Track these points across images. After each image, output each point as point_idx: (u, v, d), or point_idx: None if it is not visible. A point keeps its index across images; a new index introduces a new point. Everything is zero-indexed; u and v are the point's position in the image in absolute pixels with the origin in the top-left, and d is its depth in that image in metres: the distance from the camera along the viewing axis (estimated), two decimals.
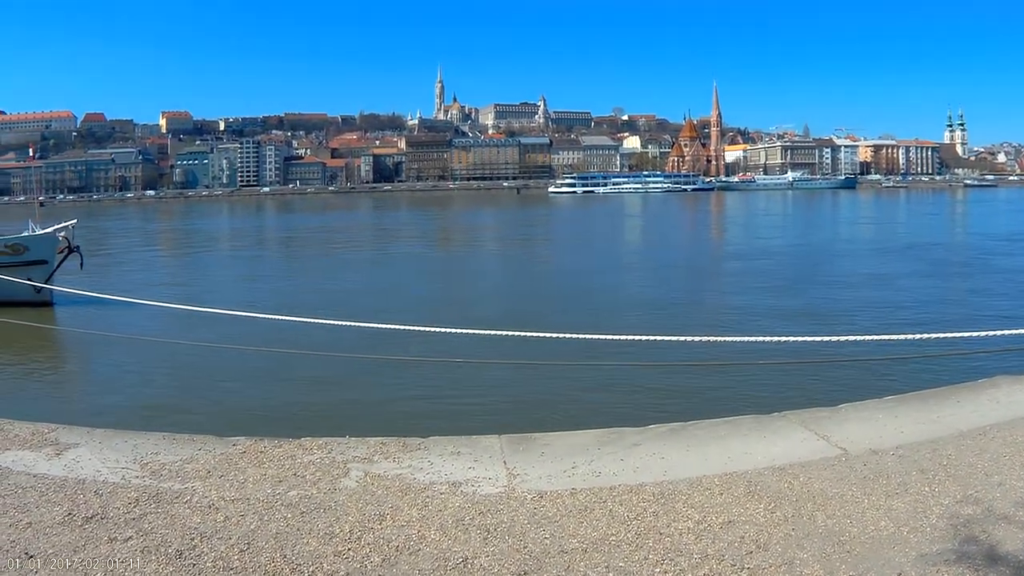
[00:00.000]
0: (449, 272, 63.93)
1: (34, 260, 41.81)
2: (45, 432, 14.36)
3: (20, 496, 11.24)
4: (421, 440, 13.60)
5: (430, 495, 11.07)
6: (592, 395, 22.79)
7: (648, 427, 13.89)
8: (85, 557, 9.30)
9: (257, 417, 20.86)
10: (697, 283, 50.67)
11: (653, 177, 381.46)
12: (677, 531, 9.56)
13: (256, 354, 25.48)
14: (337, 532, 9.92)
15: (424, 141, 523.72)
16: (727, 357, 24.98)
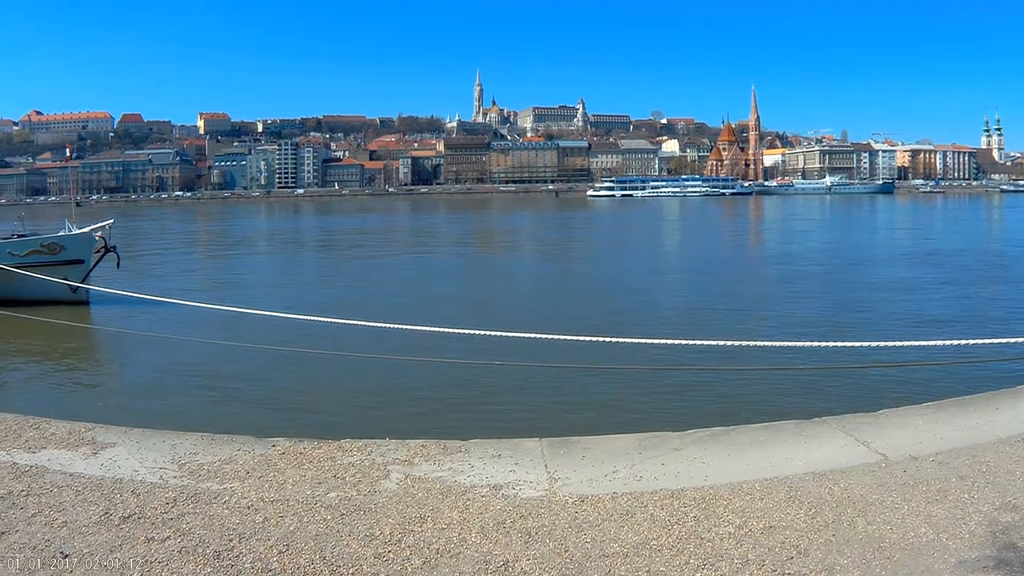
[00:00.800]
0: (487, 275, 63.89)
1: (70, 260, 42.00)
2: (82, 431, 14.39)
3: (56, 495, 11.25)
4: (462, 443, 13.59)
5: (471, 498, 11.03)
6: (632, 398, 22.53)
7: (689, 432, 13.86)
8: (122, 557, 9.29)
9: (296, 418, 20.79)
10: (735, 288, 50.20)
11: (691, 181, 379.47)
12: (718, 536, 9.54)
13: (294, 355, 25.53)
14: (377, 534, 9.89)
15: (462, 144, 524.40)
16: (766, 361, 24.99)
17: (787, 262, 66.23)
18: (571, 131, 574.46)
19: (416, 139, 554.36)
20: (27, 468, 12.44)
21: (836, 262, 65.46)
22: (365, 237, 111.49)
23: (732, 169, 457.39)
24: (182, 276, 62.01)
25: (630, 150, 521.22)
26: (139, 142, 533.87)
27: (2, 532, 10.01)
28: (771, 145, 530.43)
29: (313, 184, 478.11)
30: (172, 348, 30.32)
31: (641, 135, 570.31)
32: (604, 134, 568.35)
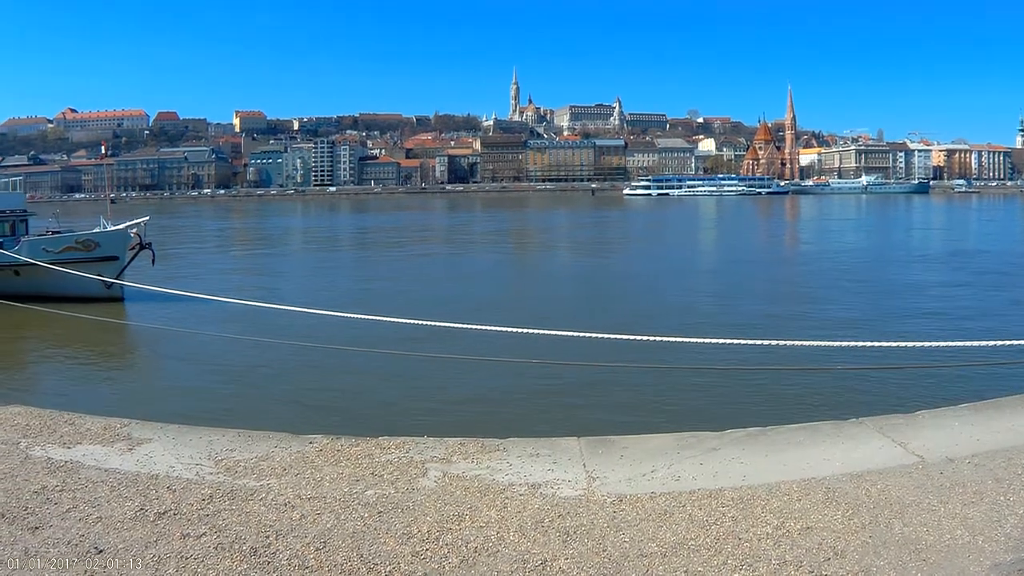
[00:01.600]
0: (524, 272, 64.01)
1: (105, 256, 42.37)
2: (117, 427, 14.41)
3: (91, 491, 11.23)
4: (500, 441, 13.51)
5: (509, 496, 10.97)
6: (669, 397, 22.71)
7: (727, 431, 13.72)
8: (157, 552, 9.27)
9: (332, 415, 20.89)
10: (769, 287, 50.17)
11: (728, 180, 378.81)
12: (755, 536, 9.46)
13: (329, 352, 25.50)
14: (415, 532, 9.84)
15: (499, 142, 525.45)
16: (802, 360, 24.88)
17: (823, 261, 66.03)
18: (607, 130, 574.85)
19: (452, 137, 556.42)
20: (62, 463, 12.45)
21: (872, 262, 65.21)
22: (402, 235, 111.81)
23: (768, 168, 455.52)
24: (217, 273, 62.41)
25: (666, 149, 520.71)
26: (174, 140, 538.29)
27: (36, 527, 10.01)
28: (807, 144, 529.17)
29: (350, 182, 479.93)
30: (207, 344, 30.54)
31: (677, 134, 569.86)
32: (640, 133, 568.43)
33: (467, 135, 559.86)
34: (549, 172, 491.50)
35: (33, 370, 30.04)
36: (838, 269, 59.01)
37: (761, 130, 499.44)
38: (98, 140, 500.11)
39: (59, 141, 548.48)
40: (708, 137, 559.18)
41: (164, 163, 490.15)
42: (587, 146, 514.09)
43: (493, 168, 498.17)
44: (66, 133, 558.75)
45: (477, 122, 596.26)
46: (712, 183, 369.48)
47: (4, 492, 11.21)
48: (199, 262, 71.69)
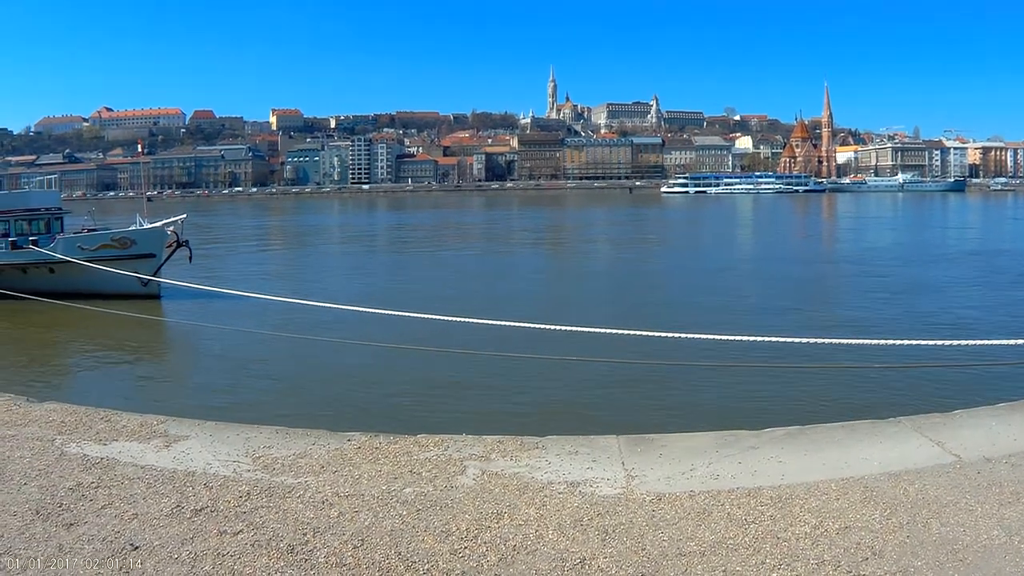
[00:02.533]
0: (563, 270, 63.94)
1: (141, 254, 42.63)
2: (154, 424, 14.48)
3: (127, 487, 11.29)
4: (539, 439, 13.54)
5: (548, 494, 10.99)
6: (707, 395, 22.79)
7: (765, 430, 13.75)
8: (193, 549, 9.30)
9: (370, 412, 20.89)
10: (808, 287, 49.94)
11: (765, 178, 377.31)
12: (794, 536, 9.48)
13: (366, 349, 25.52)
14: (453, 530, 9.86)
15: (536, 140, 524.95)
16: (840, 358, 24.90)
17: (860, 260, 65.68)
18: (645, 127, 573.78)
19: (490, 135, 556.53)
20: (97, 460, 12.52)
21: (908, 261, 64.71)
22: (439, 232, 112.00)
23: (805, 166, 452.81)
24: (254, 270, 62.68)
25: (704, 146, 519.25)
26: (211, 138, 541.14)
27: (70, 524, 10.05)
28: (844, 142, 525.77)
29: (386, 180, 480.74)
30: (244, 341, 30.56)
31: (714, 132, 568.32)
32: (678, 131, 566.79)
33: (504, 133, 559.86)
34: (586, 170, 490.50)
35: (68, 367, 30.24)
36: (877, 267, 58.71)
37: (798, 128, 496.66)
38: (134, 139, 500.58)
39: (94, 140, 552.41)
40: (745, 135, 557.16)
41: (200, 161, 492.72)
42: (624, 144, 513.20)
43: (531, 166, 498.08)
44: (101, 132, 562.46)
45: (515, 120, 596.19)
46: (749, 181, 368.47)
47: (39, 489, 11.28)
48: (236, 259, 71.99)
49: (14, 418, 15.26)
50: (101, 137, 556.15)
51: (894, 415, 14.53)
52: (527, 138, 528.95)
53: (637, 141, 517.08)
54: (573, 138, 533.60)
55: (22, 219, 46.93)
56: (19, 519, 10.21)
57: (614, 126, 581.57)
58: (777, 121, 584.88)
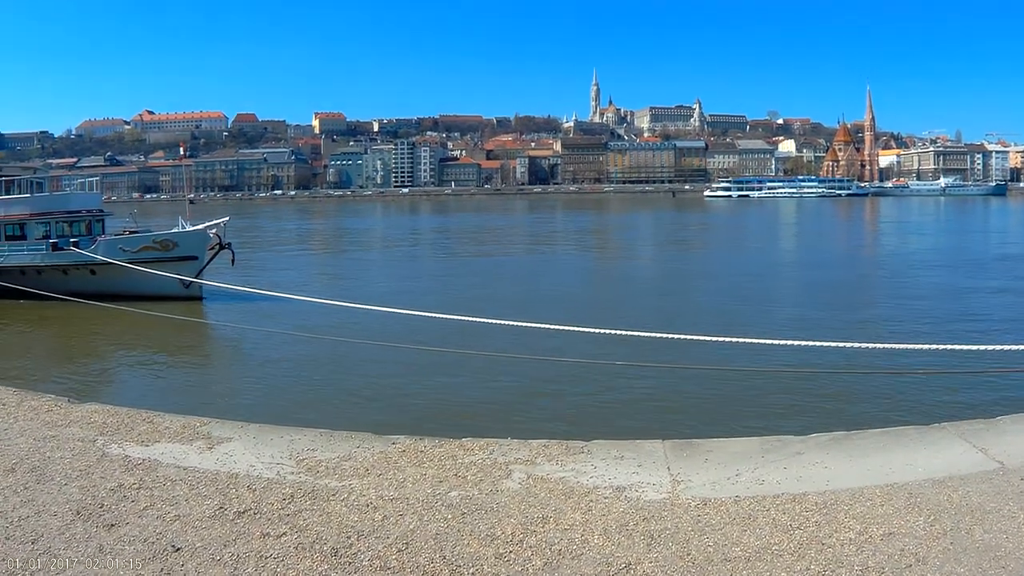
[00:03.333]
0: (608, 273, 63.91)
1: (184, 256, 42.89)
2: (196, 425, 14.54)
3: (169, 489, 11.32)
4: (584, 443, 13.55)
5: (594, 499, 10.99)
6: (751, 399, 22.60)
7: (811, 435, 13.82)
8: (236, 551, 9.31)
9: (413, 415, 20.93)
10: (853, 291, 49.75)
11: (808, 182, 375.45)
12: (839, 542, 9.46)
13: (410, 352, 25.49)
14: (499, 534, 9.86)
15: (580, 144, 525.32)
16: (885, 364, 25.16)
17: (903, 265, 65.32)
18: (688, 131, 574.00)
19: (533, 139, 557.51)
20: (139, 461, 12.57)
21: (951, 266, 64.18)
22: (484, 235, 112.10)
23: (848, 170, 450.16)
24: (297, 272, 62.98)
25: (747, 150, 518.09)
26: (253, 141, 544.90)
27: (111, 525, 10.08)
28: (886, 146, 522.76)
29: (430, 183, 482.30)
30: (286, 343, 30.71)
31: (757, 135, 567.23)
32: (720, 134, 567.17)
33: (547, 136, 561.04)
34: (629, 174, 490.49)
35: (110, 368, 30.44)
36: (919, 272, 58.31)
37: (841, 131, 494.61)
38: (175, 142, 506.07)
39: (136, 143, 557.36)
40: (788, 138, 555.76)
41: (243, 164, 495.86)
42: (667, 148, 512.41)
43: (574, 170, 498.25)
44: (143, 135, 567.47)
45: (557, 123, 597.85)
46: (792, 185, 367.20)
47: (80, 489, 11.33)
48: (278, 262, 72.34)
49: (55, 419, 15.35)
50: (143, 140, 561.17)
51: (938, 421, 14.58)
52: (570, 142, 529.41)
53: (680, 145, 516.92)
54: (616, 142, 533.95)
55: (63, 221, 47.35)
56: (59, 519, 10.25)
57: (657, 130, 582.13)
58: (820, 124, 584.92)
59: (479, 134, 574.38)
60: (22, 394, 18.44)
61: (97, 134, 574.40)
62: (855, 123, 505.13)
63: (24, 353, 32.59)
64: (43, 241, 45.67)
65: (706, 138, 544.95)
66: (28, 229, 46.57)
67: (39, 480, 11.77)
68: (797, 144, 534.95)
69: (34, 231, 46.46)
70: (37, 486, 11.50)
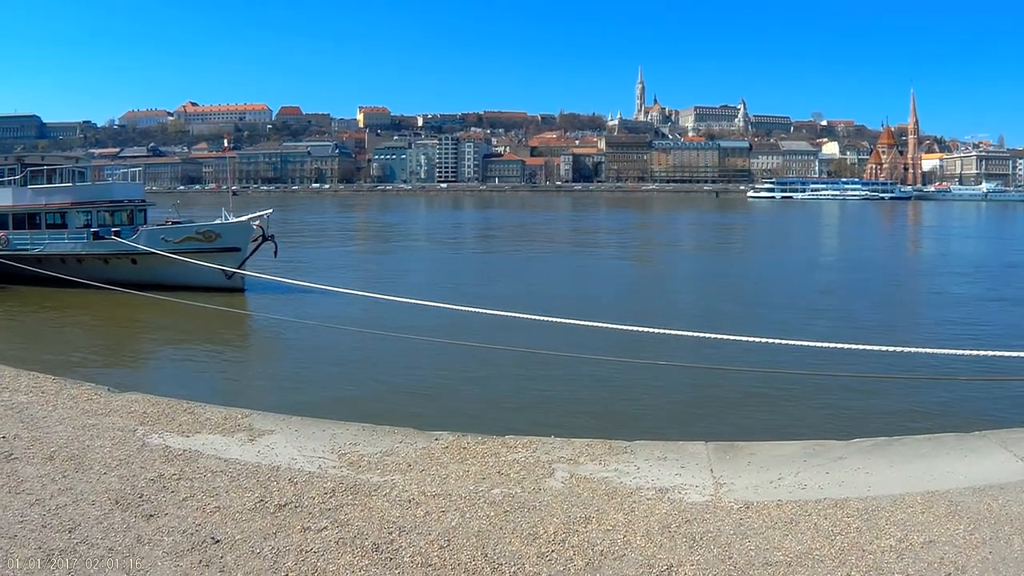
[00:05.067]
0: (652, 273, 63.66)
1: (226, 247, 42.99)
2: (238, 417, 14.61)
3: (209, 480, 11.38)
4: (627, 443, 13.68)
5: (636, 500, 11.07)
6: (795, 402, 22.50)
7: (853, 441, 13.97)
8: (276, 545, 9.33)
9: (455, 411, 20.80)
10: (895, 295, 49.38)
11: (851, 184, 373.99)
12: (879, 548, 9.52)
13: (453, 347, 25.37)
14: (541, 533, 9.89)
15: (624, 142, 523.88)
16: (927, 369, 24.61)
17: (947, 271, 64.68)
18: (732, 131, 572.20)
19: (577, 136, 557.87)
20: (180, 452, 12.62)
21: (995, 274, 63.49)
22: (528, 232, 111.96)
23: (891, 173, 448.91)
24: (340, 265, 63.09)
25: (790, 151, 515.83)
26: (297, 134, 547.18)
27: (150, 515, 10.12)
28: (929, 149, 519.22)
29: (473, 179, 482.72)
30: (329, 336, 30.68)
31: (801, 136, 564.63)
32: (764, 135, 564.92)
33: (592, 134, 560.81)
34: (673, 173, 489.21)
35: (150, 358, 30.57)
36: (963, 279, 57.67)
37: (884, 134, 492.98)
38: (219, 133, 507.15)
39: (179, 134, 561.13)
40: (832, 140, 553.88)
41: (287, 157, 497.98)
42: (711, 147, 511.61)
43: (618, 168, 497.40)
44: (186, 126, 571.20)
45: (602, 121, 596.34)
46: (835, 187, 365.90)
47: (119, 479, 11.39)
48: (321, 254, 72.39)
49: (95, 408, 15.44)
50: (186, 131, 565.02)
51: (980, 428, 14.64)
52: (614, 140, 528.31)
53: (724, 145, 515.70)
54: (660, 141, 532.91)
55: (104, 210, 47.59)
56: (98, 508, 10.32)
57: (701, 129, 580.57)
58: (864, 127, 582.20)
59: (523, 131, 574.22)
60: (61, 382, 18.60)
61: (140, 124, 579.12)
62: (899, 126, 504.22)
63: (63, 342, 32.69)
64: (84, 230, 45.96)
65: (750, 138, 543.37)
66: (69, 218, 46.91)
67: (78, 469, 11.84)
68: (841, 146, 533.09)
69: (75, 220, 46.77)
70: (76, 475, 11.57)
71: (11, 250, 46.45)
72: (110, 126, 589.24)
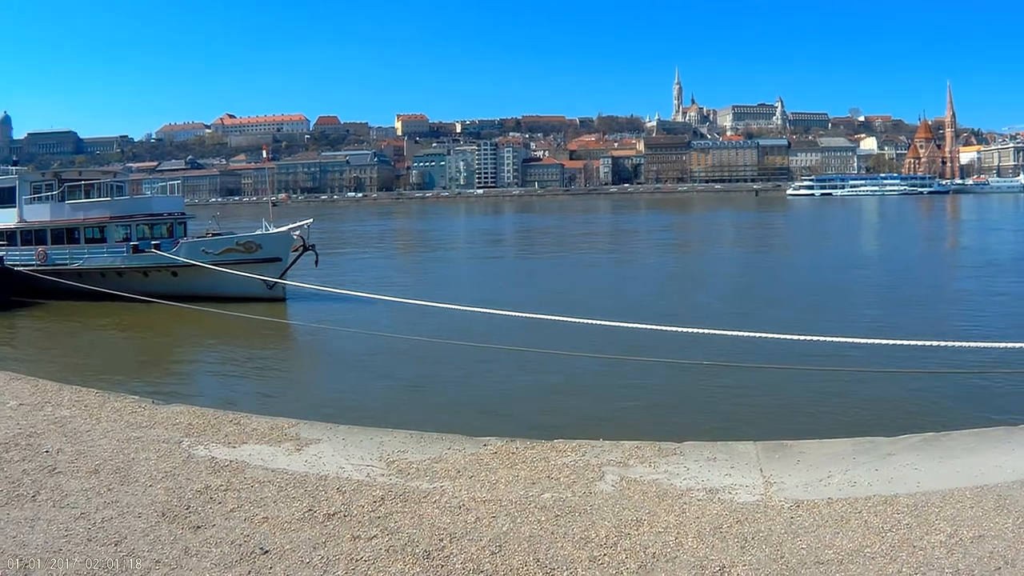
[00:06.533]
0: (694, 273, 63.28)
1: (267, 258, 43.14)
2: (284, 427, 14.64)
3: (256, 490, 11.39)
4: (676, 445, 13.75)
5: (687, 501, 11.12)
6: (843, 400, 22.20)
7: (901, 437, 14.03)
8: (326, 554, 9.32)
9: (502, 416, 20.70)
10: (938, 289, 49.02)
11: (889, 179, 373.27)
12: (930, 544, 9.60)
13: (496, 352, 25.37)
14: (593, 537, 9.90)
15: (663, 143, 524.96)
16: (973, 363, 24.66)
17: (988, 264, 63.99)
18: (770, 129, 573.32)
19: (616, 139, 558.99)
20: (226, 463, 12.65)
21: None
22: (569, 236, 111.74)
23: (929, 167, 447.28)
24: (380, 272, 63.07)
25: (829, 148, 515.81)
26: (335, 144, 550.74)
27: (198, 526, 10.16)
28: (967, 142, 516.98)
29: (513, 184, 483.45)
30: (371, 344, 30.63)
31: (839, 132, 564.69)
32: (803, 132, 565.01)
33: (630, 136, 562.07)
34: (712, 173, 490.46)
35: (194, 370, 30.54)
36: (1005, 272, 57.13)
37: (922, 128, 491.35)
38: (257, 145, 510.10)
39: (217, 146, 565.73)
40: (869, 136, 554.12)
41: (325, 166, 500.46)
42: (750, 146, 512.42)
43: (657, 169, 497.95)
44: (224, 138, 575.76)
45: (640, 123, 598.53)
46: (874, 182, 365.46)
47: (165, 491, 11.44)
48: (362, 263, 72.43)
49: (140, 420, 15.50)
50: (224, 143, 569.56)
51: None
52: (653, 141, 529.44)
53: (763, 143, 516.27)
54: (699, 141, 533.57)
55: (143, 223, 47.89)
56: (144, 521, 10.36)
57: (739, 128, 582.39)
58: (901, 121, 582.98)
59: (562, 134, 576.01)
60: (104, 395, 18.70)
61: (177, 138, 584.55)
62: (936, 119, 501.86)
63: (104, 355, 32.83)
64: (123, 244, 46.26)
65: (788, 136, 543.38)
66: (108, 232, 47.22)
67: (123, 481, 11.89)
68: (879, 141, 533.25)
69: (114, 234, 47.07)
70: (121, 487, 11.62)
71: (50, 265, 46.98)
72: (147, 140, 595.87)
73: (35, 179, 52.18)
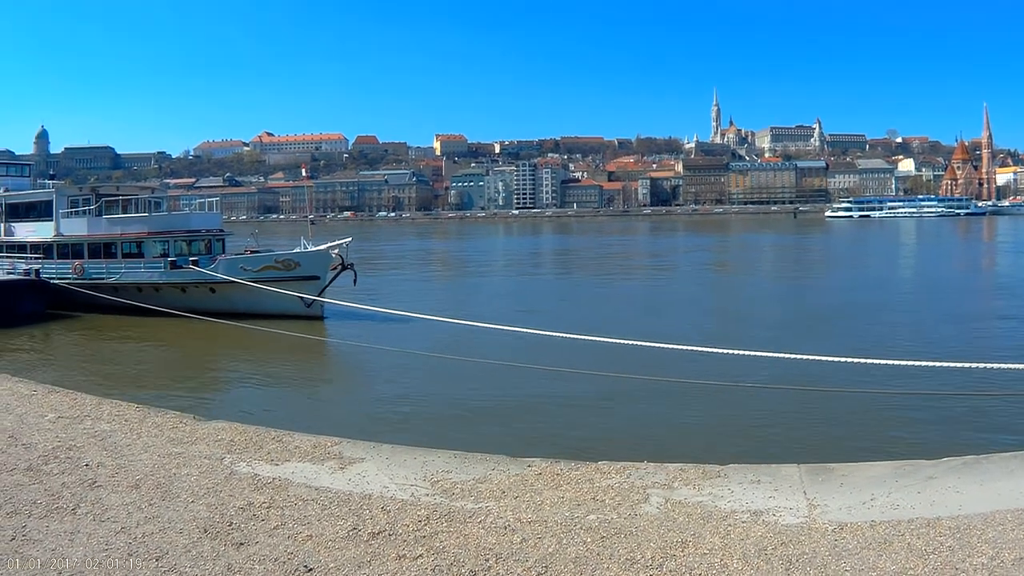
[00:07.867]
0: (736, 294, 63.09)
1: (306, 276, 43.30)
2: (327, 445, 14.67)
3: (300, 508, 11.41)
4: (720, 467, 13.82)
5: (731, 523, 11.16)
6: (882, 423, 22.21)
7: (943, 460, 14.04)
8: (370, 573, 9.34)
9: (545, 437, 20.63)
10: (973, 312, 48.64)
11: (927, 201, 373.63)
12: (972, 567, 9.62)
13: (538, 372, 25.31)
14: (638, 558, 9.89)
15: (701, 165, 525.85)
16: (1005, 386, 24.56)
17: None
18: (808, 151, 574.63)
19: (654, 160, 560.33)
20: (269, 480, 12.66)
21: None
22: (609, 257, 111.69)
23: (966, 188, 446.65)
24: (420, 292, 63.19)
25: (866, 170, 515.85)
26: (374, 163, 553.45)
27: (241, 543, 10.17)
28: (1003, 163, 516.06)
29: (551, 205, 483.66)
30: (410, 363, 30.71)
31: (876, 154, 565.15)
32: (840, 153, 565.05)
33: (669, 158, 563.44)
34: (751, 194, 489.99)
35: (234, 386, 30.59)
36: None
37: (959, 149, 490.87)
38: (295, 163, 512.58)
39: (255, 164, 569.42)
40: (907, 157, 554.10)
41: (364, 186, 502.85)
42: (788, 168, 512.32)
43: (696, 191, 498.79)
44: (262, 156, 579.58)
45: (679, 144, 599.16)
46: (912, 205, 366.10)
47: (207, 507, 11.44)
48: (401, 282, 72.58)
49: (181, 436, 15.54)
50: (262, 161, 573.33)
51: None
52: (692, 163, 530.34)
53: (801, 165, 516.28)
54: (737, 162, 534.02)
55: (181, 239, 48.25)
56: (186, 537, 10.38)
57: (777, 150, 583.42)
58: (938, 143, 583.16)
59: (600, 155, 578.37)
60: (144, 411, 18.78)
61: (215, 155, 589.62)
62: (972, 140, 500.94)
63: (143, 370, 33.00)
64: (161, 259, 46.62)
65: (826, 158, 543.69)
66: (145, 247, 47.59)
67: (164, 497, 11.91)
68: (916, 163, 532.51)
69: (151, 249, 47.41)
70: (162, 503, 11.65)
71: (86, 279, 47.49)
72: (185, 157, 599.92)
73: (72, 193, 52.68)
